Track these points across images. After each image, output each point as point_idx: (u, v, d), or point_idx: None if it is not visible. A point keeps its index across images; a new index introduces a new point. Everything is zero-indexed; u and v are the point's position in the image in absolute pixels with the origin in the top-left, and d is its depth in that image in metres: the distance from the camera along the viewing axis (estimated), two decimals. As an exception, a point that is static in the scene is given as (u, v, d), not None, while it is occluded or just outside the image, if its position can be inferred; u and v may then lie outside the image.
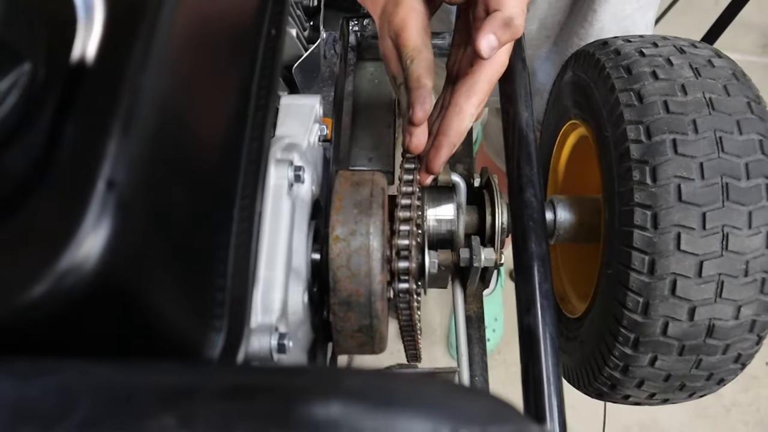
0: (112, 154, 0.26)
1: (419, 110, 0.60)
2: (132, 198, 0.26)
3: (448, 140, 0.63)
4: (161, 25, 0.30)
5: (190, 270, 0.32)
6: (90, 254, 0.25)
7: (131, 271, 0.28)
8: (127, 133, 0.27)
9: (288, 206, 0.49)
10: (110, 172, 0.26)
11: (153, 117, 0.28)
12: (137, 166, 0.27)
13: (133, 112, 0.27)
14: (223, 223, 0.35)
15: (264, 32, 0.40)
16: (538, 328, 0.55)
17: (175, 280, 0.31)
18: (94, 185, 0.25)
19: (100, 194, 0.25)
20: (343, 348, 0.55)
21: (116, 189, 0.26)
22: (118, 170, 0.26)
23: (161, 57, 0.29)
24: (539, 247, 0.58)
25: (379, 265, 0.50)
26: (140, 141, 0.27)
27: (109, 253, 0.26)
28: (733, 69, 0.71)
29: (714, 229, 0.62)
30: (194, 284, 0.33)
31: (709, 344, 0.66)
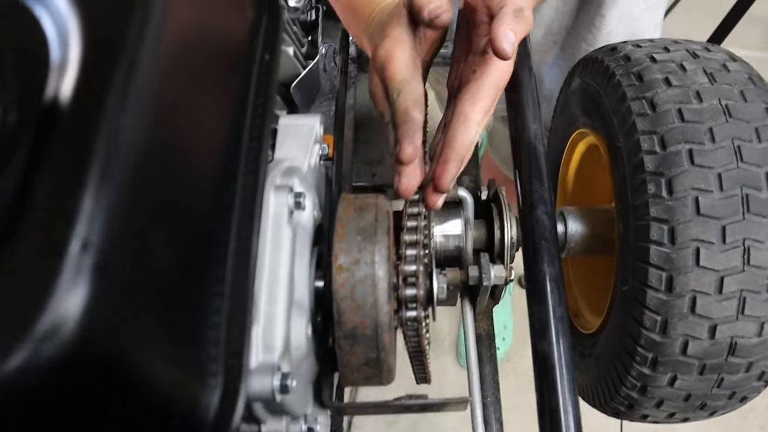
0: (87, 211, 0.24)
1: (407, 146, 0.53)
2: (110, 257, 0.24)
3: (455, 153, 0.57)
4: (142, 60, 0.27)
5: (179, 325, 0.30)
6: (65, 321, 0.23)
7: (112, 334, 0.25)
8: (104, 185, 0.24)
9: (289, 235, 0.47)
10: (85, 232, 0.23)
11: (133, 163, 0.26)
12: (115, 220, 0.24)
13: (111, 160, 0.25)
14: (216, 269, 0.32)
15: (257, 57, 0.38)
16: (553, 354, 0.52)
17: (163, 338, 0.28)
18: (68, 247, 0.23)
19: (74, 257, 0.23)
20: (348, 381, 0.52)
21: (92, 250, 0.23)
22: (93, 229, 0.23)
23: (142, 95, 0.26)
24: (552, 268, 0.56)
25: (386, 295, 0.48)
26: (119, 192, 0.25)
27: (86, 319, 0.23)
28: (749, 73, 0.68)
29: (735, 243, 0.60)
30: (185, 339, 0.30)
31: (731, 363, 0.63)
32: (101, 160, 0.25)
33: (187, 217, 0.31)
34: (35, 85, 0.27)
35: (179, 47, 0.31)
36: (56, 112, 0.26)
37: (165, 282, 0.29)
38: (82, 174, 0.24)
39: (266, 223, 0.46)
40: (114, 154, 0.25)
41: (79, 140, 0.25)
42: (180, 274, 0.30)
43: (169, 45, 0.29)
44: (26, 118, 0.27)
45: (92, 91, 0.26)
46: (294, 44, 0.53)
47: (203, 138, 0.33)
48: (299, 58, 0.56)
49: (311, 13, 0.63)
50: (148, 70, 0.27)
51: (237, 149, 0.35)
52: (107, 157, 0.25)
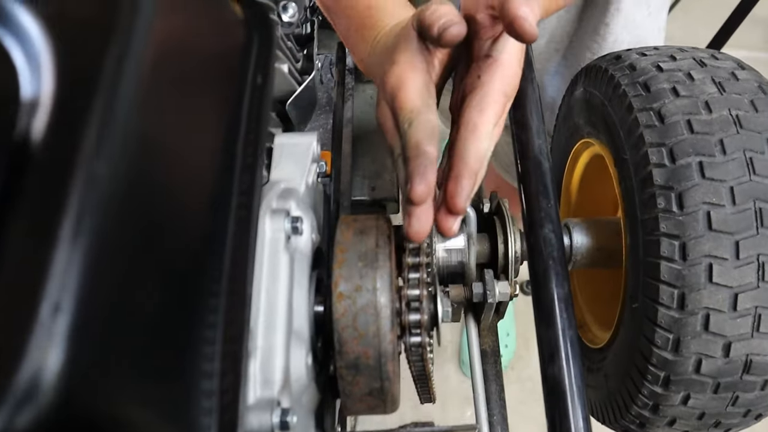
0: (58, 271, 0.21)
1: (419, 183, 0.47)
2: (85, 318, 0.22)
3: (468, 167, 0.51)
4: (122, 93, 0.25)
5: (167, 378, 0.28)
6: (40, 386, 0.21)
7: (93, 398, 0.23)
8: (78, 240, 0.22)
9: (286, 261, 0.45)
10: (56, 294, 0.21)
11: (112, 209, 0.24)
12: (92, 277, 0.22)
13: (86, 210, 0.23)
14: (208, 314, 0.30)
15: (249, 80, 0.35)
16: (563, 380, 0.50)
17: (151, 394, 0.26)
18: (37, 312, 0.21)
19: (45, 322, 0.21)
20: (351, 410, 0.50)
21: (64, 312, 0.21)
22: (65, 290, 0.21)
23: (122, 132, 0.24)
24: (561, 289, 0.54)
25: (389, 323, 0.46)
26: (95, 245, 0.23)
27: (62, 385, 0.21)
28: (759, 81, 0.66)
29: (749, 258, 0.58)
30: (174, 393, 0.28)
31: (746, 381, 0.61)
32: (75, 211, 0.22)
33: (174, 261, 0.29)
34: (4, 122, 0.25)
35: (164, 75, 0.29)
36: (27, 154, 0.24)
37: (151, 334, 0.27)
38: (54, 228, 0.22)
39: (262, 250, 0.44)
40: (89, 202, 0.23)
41: (51, 188, 0.23)
42: (167, 324, 0.28)
43: (153, 73, 0.27)
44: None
45: (67, 130, 0.24)
46: (289, 60, 0.51)
47: (191, 172, 0.31)
48: (294, 75, 0.54)
49: (306, 26, 0.61)
50: (129, 103, 0.25)
51: (228, 182, 0.33)
52: (82, 207, 0.22)
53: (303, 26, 0.61)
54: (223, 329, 0.30)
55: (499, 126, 0.54)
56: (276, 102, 0.56)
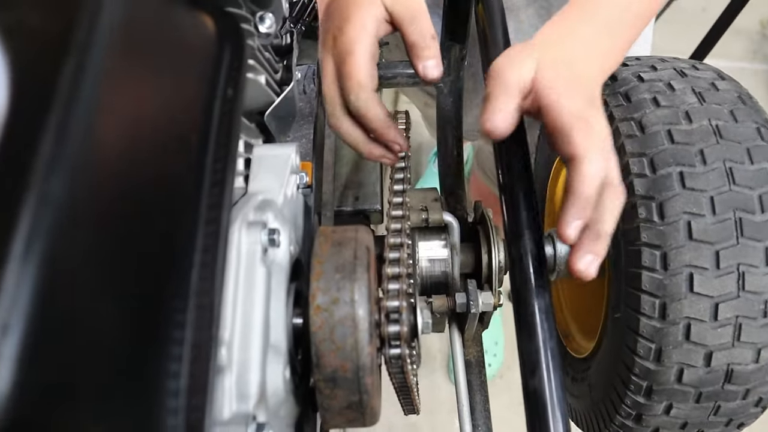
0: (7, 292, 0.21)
1: (396, 139, 0.60)
2: (37, 339, 0.21)
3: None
4: (79, 110, 0.24)
5: (129, 398, 0.27)
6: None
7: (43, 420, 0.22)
8: (28, 259, 0.21)
9: (262, 274, 0.44)
10: (4, 316, 0.21)
11: (66, 230, 0.23)
12: (44, 297, 0.22)
13: (39, 229, 0.22)
14: (173, 332, 0.30)
15: (219, 94, 0.35)
16: (544, 392, 0.49)
17: (108, 414, 0.26)
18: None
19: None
20: (330, 424, 0.50)
21: (12, 334, 0.20)
22: (15, 311, 0.21)
23: (80, 151, 0.23)
24: (542, 300, 0.53)
25: (367, 335, 0.45)
26: (48, 264, 0.22)
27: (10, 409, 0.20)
28: (739, 91, 0.67)
29: (729, 268, 0.58)
30: (139, 412, 0.28)
31: (727, 390, 0.61)
32: (27, 230, 0.21)
33: (135, 282, 0.28)
34: None
35: (126, 89, 0.28)
36: (-22, 173, 0.23)
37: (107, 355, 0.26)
38: (3, 248, 0.21)
39: (238, 263, 0.43)
40: (43, 222, 0.22)
41: (1, 207, 0.22)
42: (127, 343, 0.27)
43: (113, 88, 0.27)
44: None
45: (20, 146, 0.23)
46: (266, 71, 0.51)
47: (154, 189, 0.30)
48: (272, 86, 0.53)
49: (286, 37, 0.61)
50: (85, 119, 0.24)
51: (196, 197, 0.32)
52: (34, 226, 0.22)
53: (282, 37, 0.61)
54: (190, 346, 0.30)
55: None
56: (255, 113, 0.56)
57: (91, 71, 0.25)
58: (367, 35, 0.57)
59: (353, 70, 0.56)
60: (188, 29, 0.36)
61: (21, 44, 0.25)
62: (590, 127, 0.52)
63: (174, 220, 0.31)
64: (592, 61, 0.57)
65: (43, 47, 0.25)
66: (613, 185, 0.52)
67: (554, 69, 0.54)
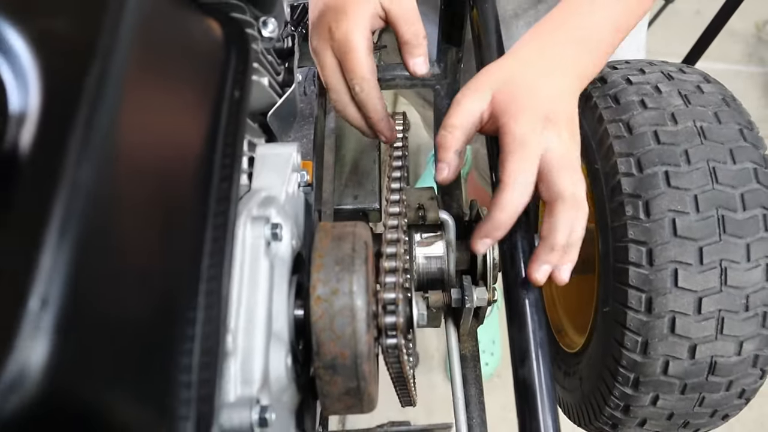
0: (45, 268, 0.23)
1: (387, 130, 0.68)
2: (71, 312, 0.24)
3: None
4: (104, 109, 0.27)
5: (149, 371, 0.30)
6: (26, 377, 0.22)
7: (78, 388, 0.25)
8: (63, 240, 0.24)
9: (266, 267, 0.47)
10: (44, 289, 0.23)
11: (96, 215, 0.26)
12: (77, 275, 0.24)
13: (72, 213, 0.25)
14: (187, 313, 0.32)
15: (227, 95, 0.38)
16: (534, 381, 0.52)
17: (133, 386, 0.28)
18: (25, 305, 0.23)
19: (32, 315, 0.23)
20: (330, 410, 0.52)
21: (51, 306, 0.23)
22: (52, 285, 0.23)
23: (104, 144, 0.26)
24: (532, 293, 0.56)
25: (365, 325, 0.48)
26: (80, 246, 0.25)
27: (48, 375, 0.23)
28: (723, 94, 0.69)
29: (712, 263, 0.60)
30: (155, 385, 0.30)
31: (711, 382, 0.64)
32: (61, 214, 0.24)
33: (154, 264, 0.31)
34: None
35: (143, 89, 0.31)
36: (15, 164, 0.26)
37: (133, 330, 0.29)
38: (41, 229, 0.24)
39: (243, 255, 0.45)
40: (74, 207, 0.25)
41: (38, 194, 0.25)
42: (148, 321, 0.30)
43: (132, 88, 0.29)
44: (-18, 170, 0.26)
45: (52, 141, 0.26)
46: (269, 74, 0.53)
47: (170, 181, 0.33)
48: (275, 87, 0.56)
49: (287, 41, 0.64)
50: (109, 116, 0.27)
51: (206, 190, 0.35)
52: (67, 211, 0.24)
53: (284, 40, 0.63)
54: (202, 327, 0.32)
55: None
56: (258, 114, 0.58)
57: (114, 74, 0.28)
58: (364, 29, 0.62)
59: (356, 66, 0.62)
60: (198, 35, 0.39)
61: (51, 50, 0.28)
62: (527, 154, 0.56)
63: (186, 211, 0.34)
64: (557, 79, 0.61)
65: (71, 52, 0.28)
66: (565, 199, 0.56)
67: (510, 92, 0.59)
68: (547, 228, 0.57)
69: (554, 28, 0.65)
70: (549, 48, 0.63)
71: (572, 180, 0.57)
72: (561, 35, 0.64)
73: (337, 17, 0.62)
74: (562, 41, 0.63)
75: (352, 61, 0.62)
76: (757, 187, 0.62)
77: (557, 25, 0.65)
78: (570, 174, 0.57)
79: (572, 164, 0.57)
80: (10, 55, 0.28)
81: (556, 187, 0.56)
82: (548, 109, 0.58)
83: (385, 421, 0.63)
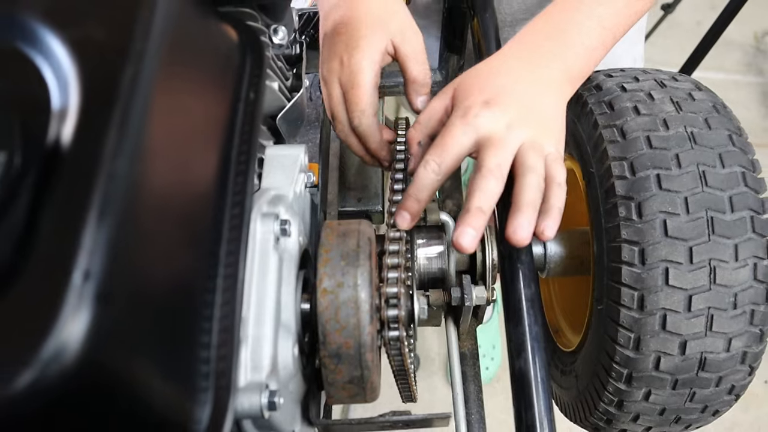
0: (87, 245, 0.26)
1: (386, 160, 0.72)
2: (110, 285, 0.27)
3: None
4: (136, 107, 0.30)
5: (173, 346, 0.32)
6: (68, 347, 0.25)
7: (112, 359, 0.28)
8: (103, 221, 0.27)
9: (275, 261, 0.50)
10: (86, 263, 0.26)
11: (130, 201, 0.29)
12: (114, 253, 0.27)
13: (109, 199, 0.28)
14: (206, 295, 0.35)
15: (243, 96, 0.41)
16: (529, 372, 0.55)
17: (159, 360, 0.31)
18: (70, 277, 0.26)
19: (77, 286, 0.26)
20: (334, 399, 0.55)
21: (92, 279, 0.26)
22: (94, 260, 0.26)
23: (136, 137, 0.29)
24: (529, 289, 0.58)
25: (368, 316, 0.50)
26: (117, 228, 0.27)
27: (88, 345, 0.26)
28: (714, 101, 0.72)
29: (701, 263, 0.63)
30: (178, 359, 0.33)
31: (702, 377, 0.66)
32: (99, 202, 0.27)
33: (180, 247, 0.34)
34: (38, 129, 0.30)
35: (170, 89, 0.34)
36: (58, 156, 0.29)
37: (161, 307, 0.32)
38: (83, 215, 0.27)
39: (253, 249, 0.48)
40: (111, 193, 0.28)
41: (79, 181, 0.28)
42: (175, 300, 0.33)
43: (161, 88, 0.32)
44: (31, 161, 0.29)
45: (91, 135, 0.29)
46: (279, 79, 0.56)
47: (192, 175, 0.36)
48: (284, 92, 0.59)
49: (295, 48, 0.67)
50: (141, 113, 0.30)
51: (224, 182, 0.38)
52: (105, 199, 0.27)
53: (292, 47, 0.66)
54: (220, 308, 0.35)
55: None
56: (267, 117, 0.61)
57: (145, 75, 0.31)
58: (373, 63, 0.65)
59: (359, 100, 0.65)
60: (218, 40, 0.42)
61: (88, 54, 0.31)
62: (463, 129, 0.62)
63: (207, 200, 0.37)
64: (522, 70, 0.66)
65: (106, 56, 0.31)
66: (482, 168, 0.60)
67: (466, 83, 0.65)
68: (468, 195, 0.62)
69: (533, 29, 0.69)
70: (524, 44, 0.67)
71: (495, 155, 0.60)
72: (539, 33, 0.68)
73: (348, 50, 0.65)
74: (539, 38, 0.67)
75: (357, 95, 0.65)
76: (745, 190, 0.64)
77: (537, 27, 0.69)
78: (494, 151, 0.60)
79: (502, 143, 0.61)
80: (53, 59, 0.31)
81: (480, 161, 0.61)
82: (493, 93, 0.62)
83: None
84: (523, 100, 0.63)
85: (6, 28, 0.32)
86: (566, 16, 0.68)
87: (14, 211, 0.28)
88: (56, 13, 0.32)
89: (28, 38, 0.32)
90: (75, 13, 0.32)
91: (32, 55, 0.32)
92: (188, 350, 0.33)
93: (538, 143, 0.62)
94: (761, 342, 0.66)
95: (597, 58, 0.70)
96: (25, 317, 0.26)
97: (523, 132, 0.62)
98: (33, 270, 0.27)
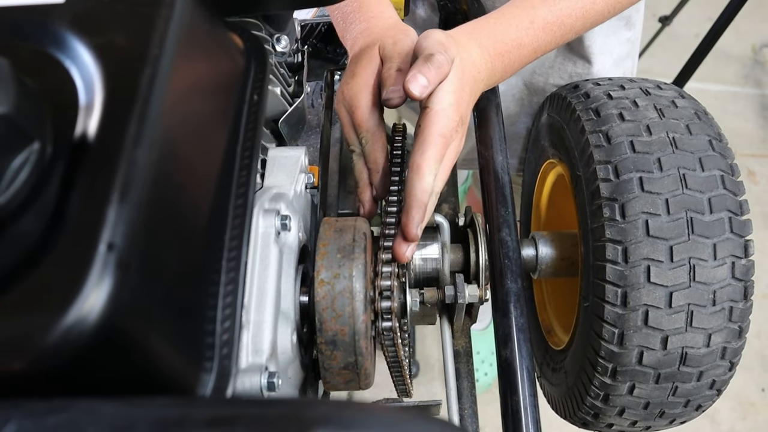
0: (111, 220, 0.30)
1: (381, 187, 0.71)
2: (130, 258, 0.30)
3: (416, 200, 0.62)
4: (153, 104, 0.34)
5: (183, 318, 0.36)
6: (93, 309, 0.29)
7: (131, 321, 0.31)
8: (124, 201, 0.31)
9: (276, 253, 0.53)
10: (110, 236, 0.30)
11: (147, 185, 0.32)
12: (134, 229, 0.31)
13: (129, 182, 0.31)
14: (212, 275, 0.39)
15: (247, 98, 0.44)
16: (515, 360, 0.58)
17: (170, 328, 0.35)
18: (96, 248, 0.29)
19: (101, 256, 0.29)
20: (331, 384, 0.58)
21: (115, 250, 0.30)
22: (116, 234, 0.30)
23: (153, 132, 0.33)
24: (515, 284, 0.62)
25: (362, 305, 0.54)
26: (136, 207, 0.31)
27: (110, 307, 0.29)
28: (696, 108, 0.75)
29: (681, 261, 0.66)
30: (187, 330, 0.36)
31: (683, 372, 0.69)
32: (121, 184, 0.31)
33: (190, 230, 0.37)
34: (67, 122, 0.34)
35: (182, 90, 0.38)
36: (84, 145, 0.33)
37: (174, 282, 0.35)
38: (107, 194, 0.31)
39: (255, 242, 0.52)
40: (131, 180, 0.32)
41: (103, 167, 0.32)
42: (185, 277, 0.36)
43: (174, 88, 0.36)
44: (60, 151, 0.33)
45: (113, 127, 0.33)
46: (281, 84, 0.60)
47: (201, 166, 0.40)
48: (286, 97, 0.63)
49: (297, 56, 0.70)
50: (157, 110, 0.34)
51: (229, 176, 0.42)
52: (126, 182, 0.31)
53: (294, 56, 0.70)
54: (224, 285, 0.39)
55: (444, 163, 0.65)
56: (270, 120, 0.65)
57: (161, 76, 0.35)
58: (367, 86, 0.69)
59: (361, 122, 0.69)
60: (225, 47, 0.46)
61: (111, 58, 0.35)
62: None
63: (214, 189, 0.40)
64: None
65: (127, 60, 0.35)
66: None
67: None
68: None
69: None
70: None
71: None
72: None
73: (347, 79, 0.70)
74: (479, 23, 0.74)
75: (358, 117, 0.69)
76: (724, 192, 0.68)
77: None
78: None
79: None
80: (80, 62, 0.36)
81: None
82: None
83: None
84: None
85: (40, 35, 0.36)
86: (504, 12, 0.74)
87: (46, 193, 0.32)
88: (83, 23, 0.37)
89: (59, 44, 0.36)
90: (100, 22, 0.37)
91: (62, 59, 0.36)
92: (196, 322, 0.37)
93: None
94: (740, 338, 0.69)
95: (518, 42, 0.73)
96: (56, 282, 0.30)
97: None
98: (63, 242, 0.30)
